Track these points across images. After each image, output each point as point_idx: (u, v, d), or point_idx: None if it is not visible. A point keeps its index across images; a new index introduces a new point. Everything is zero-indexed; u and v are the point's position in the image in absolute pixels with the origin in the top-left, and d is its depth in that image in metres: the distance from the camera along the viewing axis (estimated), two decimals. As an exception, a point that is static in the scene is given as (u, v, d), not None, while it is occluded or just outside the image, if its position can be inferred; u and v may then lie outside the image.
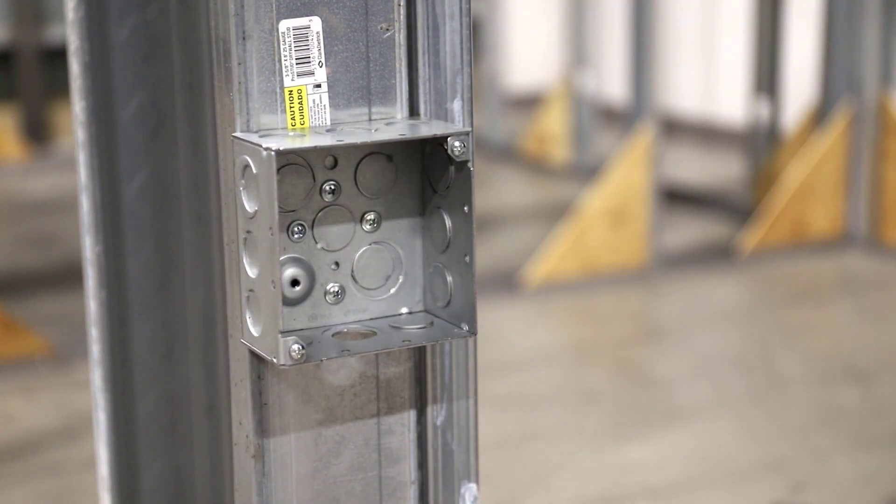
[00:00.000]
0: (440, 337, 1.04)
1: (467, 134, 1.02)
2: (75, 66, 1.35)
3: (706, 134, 6.25)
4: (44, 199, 5.46)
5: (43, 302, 4.10)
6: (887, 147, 4.39)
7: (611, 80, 6.32)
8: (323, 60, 1.02)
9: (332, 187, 1.04)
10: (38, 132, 6.25)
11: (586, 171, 5.41)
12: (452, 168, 1.03)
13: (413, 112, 1.06)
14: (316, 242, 1.05)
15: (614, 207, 4.04)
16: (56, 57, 5.94)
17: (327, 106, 1.03)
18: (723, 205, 4.96)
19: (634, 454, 2.92)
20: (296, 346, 0.99)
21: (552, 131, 5.82)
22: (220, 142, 1.03)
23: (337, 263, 1.06)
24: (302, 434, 1.06)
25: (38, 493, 2.89)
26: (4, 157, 6.06)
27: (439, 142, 1.03)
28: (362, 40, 1.03)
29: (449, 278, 1.05)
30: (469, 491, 1.11)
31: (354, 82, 1.03)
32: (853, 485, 2.80)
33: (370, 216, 1.06)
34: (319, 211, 1.04)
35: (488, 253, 4.23)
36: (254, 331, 1.02)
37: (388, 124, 1.04)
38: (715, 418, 3.09)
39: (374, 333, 1.05)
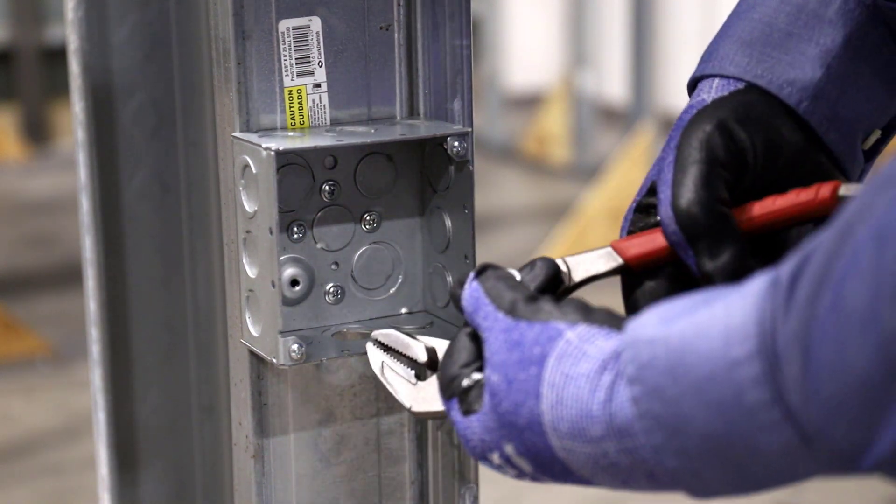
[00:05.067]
0: (440, 337, 1.04)
1: (467, 134, 1.02)
2: (75, 66, 1.35)
3: (706, 134, 6.23)
4: (44, 199, 5.46)
5: (43, 302, 4.10)
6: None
7: (611, 80, 6.32)
8: (323, 60, 1.02)
9: (332, 187, 1.04)
10: (38, 132, 6.25)
11: (586, 171, 5.41)
12: (452, 168, 1.03)
13: (413, 112, 1.06)
14: (315, 242, 1.05)
15: (614, 207, 4.04)
16: (56, 57, 5.94)
17: (327, 106, 1.03)
18: (723, 205, 4.96)
19: (634, 454, 2.92)
20: (295, 347, 0.99)
21: (552, 131, 5.82)
22: (220, 142, 1.03)
23: (337, 263, 1.06)
24: (302, 434, 1.06)
25: (38, 493, 2.89)
26: (4, 157, 6.06)
27: (439, 142, 1.03)
28: (362, 40, 1.03)
29: (449, 278, 1.05)
30: (469, 491, 1.11)
31: (354, 82, 1.04)
32: (853, 485, 2.80)
33: (370, 216, 1.06)
34: (319, 211, 1.04)
35: (488, 253, 4.23)
36: (253, 331, 1.02)
37: (387, 124, 1.04)
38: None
39: (370, 332, 1.05)
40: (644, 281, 0.97)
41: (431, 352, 0.96)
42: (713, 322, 0.74)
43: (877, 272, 0.65)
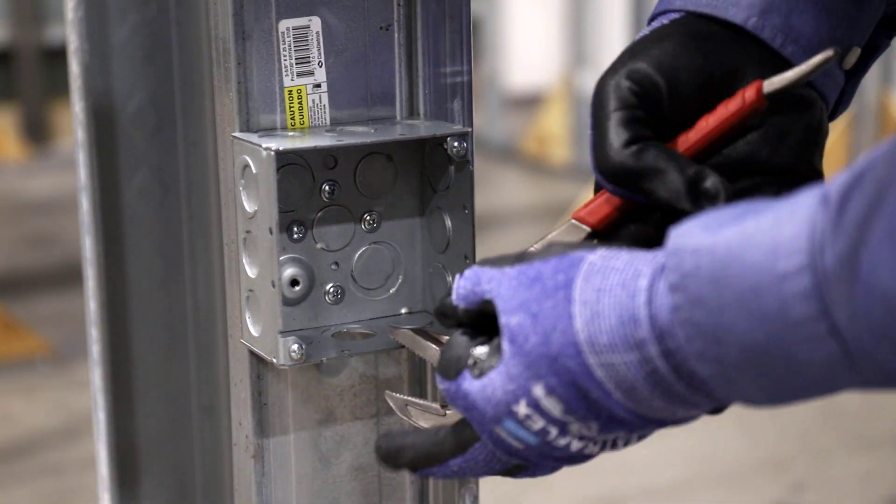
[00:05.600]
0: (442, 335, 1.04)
1: (467, 134, 1.02)
2: (75, 66, 1.35)
3: (706, 134, 6.23)
4: (44, 199, 5.46)
5: (43, 302, 4.10)
6: (887, 147, 4.39)
7: (611, 80, 6.30)
8: (323, 60, 1.02)
9: (332, 187, 1.04)
10: (38, 132, 6.24)
11: (586, 171, 5.40)
12: (452, 168, 1.03)
13: (413, 112, 1.06)
14: (315, 242, 1.05)
15: (614, 207, 4.04)
16: (56, 57, 5.94)
17: (327, 106, 1.03)
18: (723, 205, 4.95)
19: (634, 454, 2.92)
20: (295, 347, 0.99)
21: (552, 131, 5.82)
22: (220, 142, 1.03)
23: (337, 263, 1.06)
24: (302, 434, 1.06)
25: (38, 493, 2.89)
26: (4, 157, 6.06)
27: (439, 142, 1.03)
28: (362, 40, 1.03)
29: (449, 279, 1.05)
30: (469, 491, 1.11)
31: (354, 82, 1.04)
32: (853, 485, 2.80)
33: (370, 216, 1.06)
34: (319, 211, 1.04)
35: (488, 253, 4.21)
36: (253, 331, 1.02)
37: (387, 124, 1.04)
38: (715, 418, 3.09)
39: (374, 333, 1.05)
40: (619, 234, 0.96)
41: None
42: (761, 233, 0.73)
43: None
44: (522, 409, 0.83)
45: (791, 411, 3.02)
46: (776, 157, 0.94)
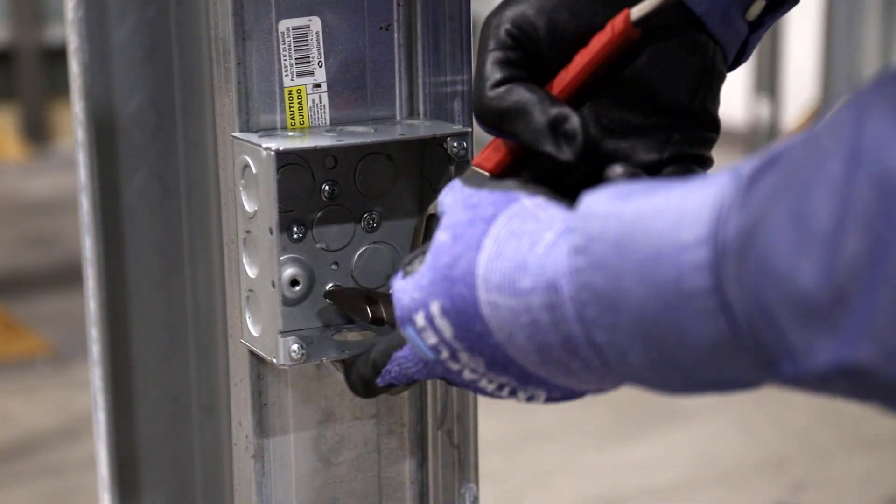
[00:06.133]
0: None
1: (467, 134, 1.02)
2: (75, 66, 1.35)
3: (706, 134, 6.23)
4: (44, 199, 5.46)
5: (43, 302, 4.10)
6: (887, 147, 4.38)
7: (611, 79, 6.31)
8: (323, 60, 1.02)
9: (332, 187, 1.04)
10: (38, 132, 6.25)
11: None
12: (452, 168, 1.03)
13: (413, 112, 1.06)
14: (315, 243, 1.05)
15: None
16: (56, 57, 5.94)
17: (327, 106, 1.03)
18: (723, 205, 4.95)
19: (634, 454, 2.92)
20: (295, 347, 0.99)
21: (552, 131, 5.81)
22: (220, 142, 1.03)
23: (337, 263, 1.06)
24: (302, 434, 1.06)
25: (38, 493, 2.89)
26: (4, 157, 6.06)
27: (439, 142, 1.03)
28: (362, 40, 1.03)
29: (449, 278, 1.05)
30: (469, 491, 1.11)
31: (354, 82, 1.04)
32: (853, 485, 2.80)
33: (370, 216, 1.06)
34: (319, 211, 1.04)
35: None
36: (253, 331, 1.02)
37: (387, 124, 1.04)
38: (715, 418, 3.09)
39: (374, 334, 1.05)
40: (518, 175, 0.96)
41: (376, 311, 0.99)
42: (669, 204, 0.73)
43: (846, 193, 0.63)
44: (420, 320, 0.86)
45: (791, 411, 3.02)
46: (667, 93, 0.94)
